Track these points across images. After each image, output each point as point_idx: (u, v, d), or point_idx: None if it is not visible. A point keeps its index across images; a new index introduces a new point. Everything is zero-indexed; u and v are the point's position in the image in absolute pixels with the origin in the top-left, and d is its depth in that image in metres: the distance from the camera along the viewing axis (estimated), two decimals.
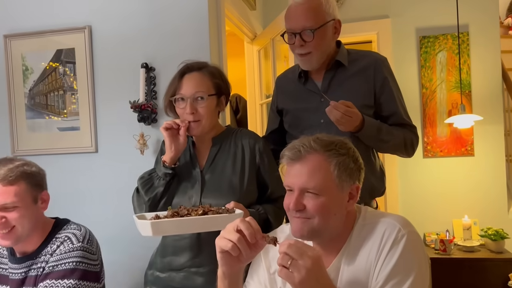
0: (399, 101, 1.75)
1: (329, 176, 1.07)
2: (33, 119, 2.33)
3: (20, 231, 1.39)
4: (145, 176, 1.59)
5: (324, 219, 1.07)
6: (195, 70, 1.56)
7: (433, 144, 3.33)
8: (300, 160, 1.08)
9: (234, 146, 1.59)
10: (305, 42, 1.62)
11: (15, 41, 2.33)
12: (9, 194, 1.36)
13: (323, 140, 1.10)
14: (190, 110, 1.51)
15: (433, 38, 3.32)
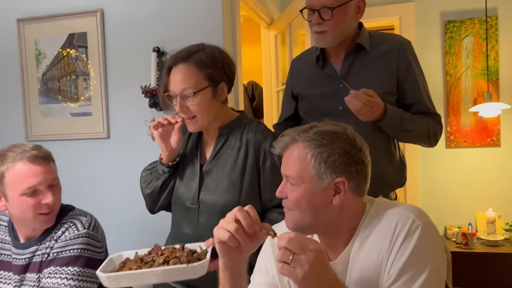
0: (423, 88, 1.66)
1: (305, 166, 1.02)
2: (46, 104, 2.32)
3: (57, 209, 1.42)
4: (147, 170, 1.55)
5: (303, 211, 1.02)
6: (180, 62, 1.39)
7: (457, 134, 3.20)
8: (284, 149, 1.08)
9: (240, 141, 1.46)
10: (323, 20, 1.54)
11: (28, 25, 2.31)
12: (53, 171, 1.40)
13: (312, 130, 1.05)
14: (180, 108, 1.39)
15: (459, 22, 3.17)
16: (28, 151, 1.35)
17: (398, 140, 1.71)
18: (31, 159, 1.34)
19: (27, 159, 1.33)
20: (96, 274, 1.07)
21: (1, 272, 1.43)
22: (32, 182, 1.33)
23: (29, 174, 1.33)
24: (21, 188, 1.33)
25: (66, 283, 1.32)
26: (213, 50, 1.43)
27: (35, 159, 1.34)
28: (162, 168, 1.49)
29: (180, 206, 1.51)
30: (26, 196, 1.33)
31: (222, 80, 1.43)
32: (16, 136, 2.35)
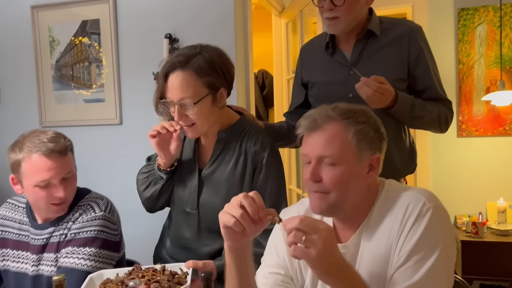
0: (434, 74, 1.65)
1: (347, 145, 1.02)
2: (60, 90, 2.36)
3: (70, 200, 1.43)
4: (143, 173, 1.52)
5: (342, 192, 1.02)
6: (178, 68, 1.31)
7: (468, 123, 3.18)
8: (317, 129, 1.04)
9: (239, 150, 1.42)
10: (335, 6, 1.54)
11: (42, 12, 2.34)
12: (68, 165, 1.39)
13: (341, 109, 1.06)
14: (178, 117, 1.34)
15: (472, 10, 3.13)
16: (45, 144, 1.34)
17: (409, 126, 1.71)
18: (47, 153, 1.33)
19: (42, 152, 1.33)
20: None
21: (20, 252, 1.47)
22: (44, 176, 1.34)
23: (43, 168, 1.34)
24: (34, 180, 1.35)
25: (83, 263, 1.36)
26: (211, 54, 1.35)
27: (50, 153, 1.34)
28: (161, 174, 1.46)
29: (179, 210, 1.51)
30: (39, 188, 1.36)
31: (221, 86, 1.37)
32: (31, 122, 2.40)
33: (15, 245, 1.48)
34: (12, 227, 1.50)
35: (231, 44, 2.11)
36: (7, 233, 1.49)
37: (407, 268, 0.98)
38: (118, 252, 1.47)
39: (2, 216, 1.52)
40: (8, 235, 1.49)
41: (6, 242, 1.48)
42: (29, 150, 1.34)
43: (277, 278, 1.15)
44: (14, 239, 1.48)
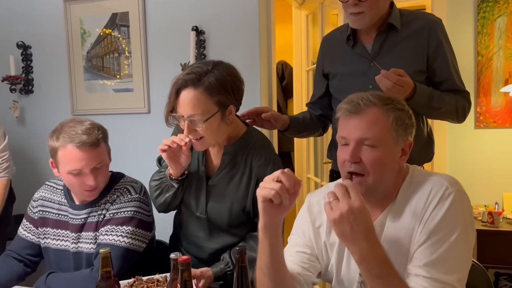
0: (453, 66, 1.69)
1: (386, 129, 1.08)
2: (90, 80, 2.46)
3: (101, 187, 1.54)
4: (155, 179, 1.57)
5: (379, 174, 1.09)
6: (190, 86, 1.35)
7: (486, 115, 3.20)
8: (359, 113, 1.10)
9: (244, 164, 1.48)
10: (359, 1, 1.58)
11: (74, 5, 2.44)
12: (99, 156, 1.47)
13: (380, 95, 1.13)
14: (188, 132, 1.39)
15: (492, 2, 3.13)
16: (78, 136, 1.43)
17: (427, 117, 1.75)
18: (79, 145, 1.43)
19: (75, 144, 1.43)
20: None
21: (60, 231, 1.59)
22: (76, 166, 1.44)
23: (75, 158, 1.44)
24: (68, 168, 1.46)
25: (122, 239, 1.48)
26: (222, 73, 1.38)
27: (82, 145, 1.43)
28: (172, 183, 1.52)
29: (190, 213, 1.59)
30: (72, 175, 1.46)
31: (231, 103, 1.41)
32: (63, 111, 2.52)
33: (55, 224, 1.59)
34: (52, 208, 1.61)
35: (255, 36, 2.19)
36: (48, 213, 1.60)
37: (428, 246, 1.04)
38: (150, 232, 1.58)
39: (42, 197, 1.63)
40: (48, 215, 1.60)
41: (46, 221, 1.60)
42: (64, 141, 1.44)
43: (303, 257, 1.22)
44: (54, 218, 1.59)
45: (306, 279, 1.20)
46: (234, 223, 1.53)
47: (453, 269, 1.04)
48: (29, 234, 1.63)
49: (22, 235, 1.64)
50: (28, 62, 2.56)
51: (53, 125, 2.48)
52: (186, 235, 1.62)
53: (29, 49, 2.56)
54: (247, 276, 1.03)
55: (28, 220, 1.64)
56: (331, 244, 1.22)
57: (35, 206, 1.64)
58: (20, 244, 1.63)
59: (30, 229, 1.63)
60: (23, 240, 1.62)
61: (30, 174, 2.49)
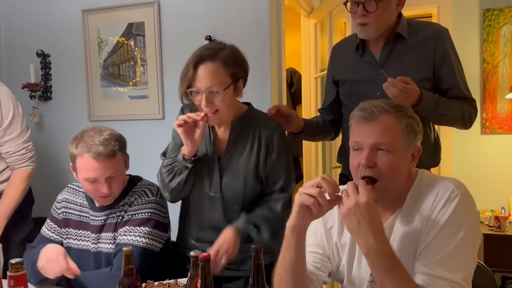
0: (459, 74, 1.74)
1: (399, 135, 1.14)
2: (107, 87, 2.55)
3: (116, 194, 1.60)
4: (167, 165, 1.61)
5: (392, 177, 1.14)
6: (208, 60, 1.47)
7: (492, 121, 3.25)
8: (373, 119, 1.15)
9: (252, 136, 1.58)
10: (367, 12, 1.64)
11: (92, 15, 2.54)
12: (114, 166, 1.53)
13: (391, 103, 1.19)
14: (206, 103, 1.48)
15: (497, 10, 3.20)
16: (96, 146, 1.49)
17: (434, 123, 1.80)
18: (95, 155, 1.49)
19: (91, 154, 1.49)
20: None
21: (81, 231, 1.66)
22: (91, 174, 1.51)
23: (91, 168, 1.50)
24: (84, 176, 1.53)
25: (139, 240, 1.55)
26: (233, 48, 1.54)
27: (98, 156, 1.49)
28: (185, 164, 1.55)
29: (203, 195, 1.63)
30: (88, 182, 1.54)
31: (241, 77, 1.54)
32: (80, 117, 2.61)
33: (77, 225, 1.66)
34: (74, 209, 1.68)
35: (266, 44, 2.26)
36: (70, 214, 1.68)
37: (434, 245, 1.09)
38: (166, 233, 1.65)
39: (65, 199, 1.71)
40: (71, 216, 1.68)
41: (69, 222, 1.67)
42: (82, 150, 1.51)
43: (316, 257, 1.27)
44: (76, 219, 1.67)
45: (318, 278, 1.25)
46: (248, 198, 1.60)
47: (459, 268, 1.07)
48: (53, 234, 1.70)
49: (46, 235, 1.71)
50: (47, 70, 2.65)
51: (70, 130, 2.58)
52: (201, 220, 1.64)
53: (48, 57, 2.66)
54: (263, 274, 1.07)
55: (52, 221, 1.71)
56: (342, 244, 1.27)
57: (59, 207, 1.71)
58: (44, 243, 1.68)
59: (54, 229, 1.70)
60: (48, 240, 1.69)
61: (48, 178, 2.57)
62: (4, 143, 1.97)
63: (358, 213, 1.03)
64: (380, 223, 1.07)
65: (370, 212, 1.04)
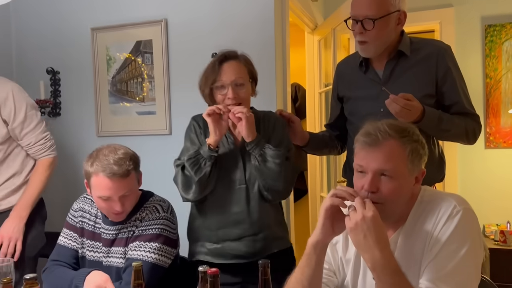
0: (462, 90, 1.75)
1: (403, 161, 1.14)
2: (115, 104, 2.60)
3: (128, 210, 1.62)
4: (191, 158, 1.67)
5: (394, 203, 1.15)
6: (232, 59, 1.69)
7: (496, 135, 3.27)
8: (377, 145, 1.14)
9: (262, 131, 1.72)
10: (365, 30, 1.67)
11: (100, 33, 2.60)
12: (128, 185, 1.56)
13: (397, 126, 1.17)
14: (233, 95, 1.64)
15: (499, 26, 3.24)
16: (110, 166, 1.52)
17: (438, 138, 1.81)
18: (110, 175, 1.52)
19: (106, 174, 1.52)
20: None
21: (94, 242, 1.68)
22: (105, 193, 1.54)
23: (105, 187, 1.53)
24: (98, 194, 1.56)
25: (149, 255, 1.57)
26: (247, 56, 1.77)
27: (113, 175, 1.52)
28: (211, 153, 1.64)
29: (226, 191, 1.70)
30: (101, 200, 1.57)
31: (255, 79, 1.76)
32: (89, 132, 2.65)
33: (91, 236, 1.68)
34: (89, 219, 1.70)
35: (271, 60, 2.31)
36: (86, 224, 1.70)
37: (437, 262, 1.10)
38: (175, 249, 1.67)
39: (82, 208, 1.73)
40: (86, 226, 1.70)
41: (84, 232, 1.70)
42: (97, 169, 1.54)
43: (323, 272, 1.26)
44: (90, 230, 1.69)
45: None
46: None
47: (463, 283, 1.09)
48: (74, 243, 1.70)
49: (67, 244, 1.70)
50: (57, 86, 2.71)
51: (78, 145, 2.64)
52: (219, 219, 1.70)
53: (58, 74, 2.71)
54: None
55: (71, 229, 1.72)
56: (347, 260, 1.29)
57: (76, 216, 1.72)
58: (66, 253, 1.69)
59: (74, 238, 1.70)
60: (68, 249, 1.69)
61: (57, 192, 2.60)
62: (23, 136, 2.04)
63: (364, 227, 1.05)
64: (386, 238, 1.09)
65: (377, 226, 1.06)
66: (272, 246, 1.71)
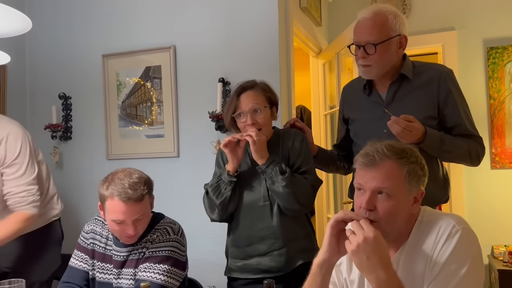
0: (464, 112, 1.78)
1: (400, 181, 1.16)
2: (125, 127, 2.66)
3: (140, 234, 1.63)
4: (213, 184, 1.81)
5: (391, 221, 1.16)
6: (249, 89, 1.81)
7: (502, 156, 3.28)
8: (375, 165, 1.17)
9: (282, 149, 1.83)
10: (367, 55, 1.73)
11: (111, 59, 2.68)
12: (141, 210, 1.58)
13: (395, 148, 1.19)
14: (251, 121, 1.76)
15: (501, 49, 3.29)
16: (125, 190, 1.54)
17: (441, 159, 1.82)
18: (125, 200, 1.54)
19: (121, 198, 1.54)
20: None
21: (105, 264, 1.70)
22: (119, 217, 1.56)
23: (120, 210, 1.55)
24: (112, 217, 1.59)
25: (158, 277, 1.58)
26: (266, 83, 1.88)
27: (128, 200, 1.54)
28: (230, 178, 1.78)
29: (251, 209, 1.81)
30: (115, 223, 1.59)
31: (275, 103, 1.87)
32: (99, 155, 2.71)
33: (101, 258, 1.70)
34: (100, 241, 1.72)
35: (277, 83, 2.36)
36: (97, 246, 1.72)
37: (437, 282, 1.11)
38: (184, 271, 1.68)
39: (93, 230, 1.75)
40: (97, 248, 1.72)
41: (95, 253, 1.72)
42: (112, 193, 1.55)
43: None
44: (101, 252, 1.71)
45: None
46: None
47: None
48: (85, 265, 1.72)
49: (78, 266, 1.72)
50: (68, 111, 2.78)
51: (88, 168, 2.70)
52: (251, 234, 1.80)
53: (69, 99, 2.79)
54: None
55: (82, 251, 1.74)
56: (351, 281, 1.30)
57: (88, 238, 1.74)
58: (77, 274, 1.71)
59: (85, 259, 1.72)
60: (79, 271, 1.71)
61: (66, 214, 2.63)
62: (5, 182, 1.92)
63: (367, 248, 1.07)
64: (389, 257, 1.10)
65: (380, 246, 1.08)
66: (298, 259, 1.77)
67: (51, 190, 2.16)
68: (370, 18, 1.74)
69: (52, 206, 2.15)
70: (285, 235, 1.77)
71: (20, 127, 2.01)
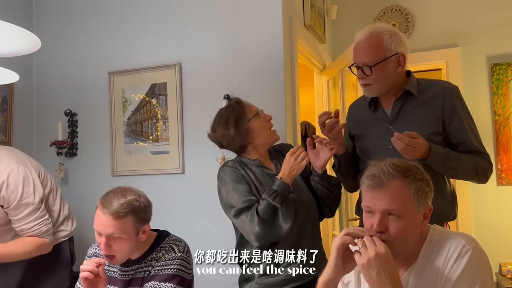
0: (470, 129, 1.78)
1: (410, 200, 1.16)
2: (130, 144, 2.67)
3: (120, 257, 1.61)
4: (274, 195, 1.68)
5: (403, 241, 1.16)
6: None
7: (508, 172, 3.26)
8: (382, 187, 1.16)
9: (278, 157, 1.95)
10: (365, 75, 1.76)
11: (117, 77, 2.71)
12: (117, 227, 1.54)
13: (400, 166, 1.19)
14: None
15: (505, 65, 3.30)
16: (109, 202, 1.55)
17: (447, 176, 1.82)
18: (103, 209, 1.55)
19: (102, 207, 1.56)
20: None
21: (108, 286, 1.66)
22: (96, 226, 1.58)
23: (98, 220, 1.57)
24: (94, 226, 1.60)
25: None
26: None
27: (105, 210, 1.54)
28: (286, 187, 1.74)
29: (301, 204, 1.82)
30: (96, 233, 1.59)
31: None
32: (104, 171, 2.71)
33: None
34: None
35: (281, 100, 2.38)
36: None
37: None
38: None
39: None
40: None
41: None
42: (100, 202, 1.59)
43: None
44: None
45: None
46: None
47: None
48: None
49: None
50: (74, 127, 2.80)
51: (93, 185, 2.69)
52: (302, 231, 1.81)
53: (75, 116, 2.81)
54: None
55: None
56: None
57: None
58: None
59: None
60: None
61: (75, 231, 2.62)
62: (15, 221, 1.95)
63: (378, 263, 1.07)
64: (397, 274, 1.10)
65: (390, 263, 1.08)
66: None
67: (63, 213, 2.17)
68: (365, 40, 1.77)
69: (61, 228, 2.15)
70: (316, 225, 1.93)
71: (21, 162, 1.97)
